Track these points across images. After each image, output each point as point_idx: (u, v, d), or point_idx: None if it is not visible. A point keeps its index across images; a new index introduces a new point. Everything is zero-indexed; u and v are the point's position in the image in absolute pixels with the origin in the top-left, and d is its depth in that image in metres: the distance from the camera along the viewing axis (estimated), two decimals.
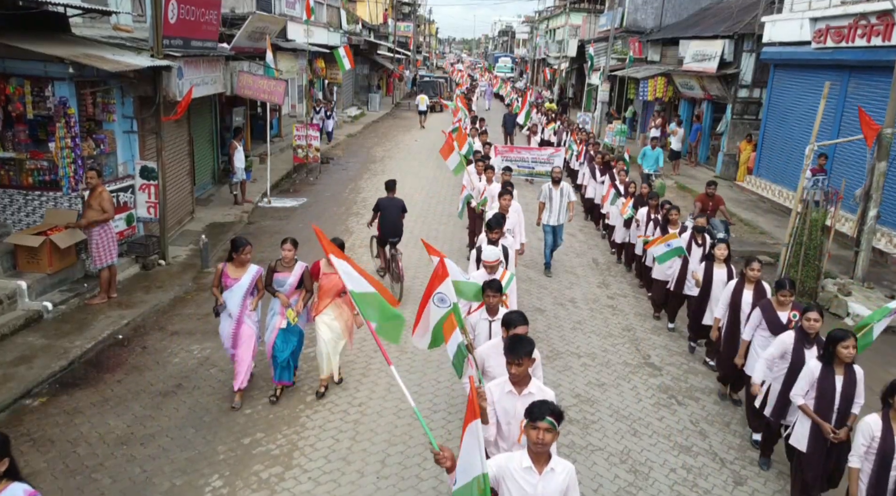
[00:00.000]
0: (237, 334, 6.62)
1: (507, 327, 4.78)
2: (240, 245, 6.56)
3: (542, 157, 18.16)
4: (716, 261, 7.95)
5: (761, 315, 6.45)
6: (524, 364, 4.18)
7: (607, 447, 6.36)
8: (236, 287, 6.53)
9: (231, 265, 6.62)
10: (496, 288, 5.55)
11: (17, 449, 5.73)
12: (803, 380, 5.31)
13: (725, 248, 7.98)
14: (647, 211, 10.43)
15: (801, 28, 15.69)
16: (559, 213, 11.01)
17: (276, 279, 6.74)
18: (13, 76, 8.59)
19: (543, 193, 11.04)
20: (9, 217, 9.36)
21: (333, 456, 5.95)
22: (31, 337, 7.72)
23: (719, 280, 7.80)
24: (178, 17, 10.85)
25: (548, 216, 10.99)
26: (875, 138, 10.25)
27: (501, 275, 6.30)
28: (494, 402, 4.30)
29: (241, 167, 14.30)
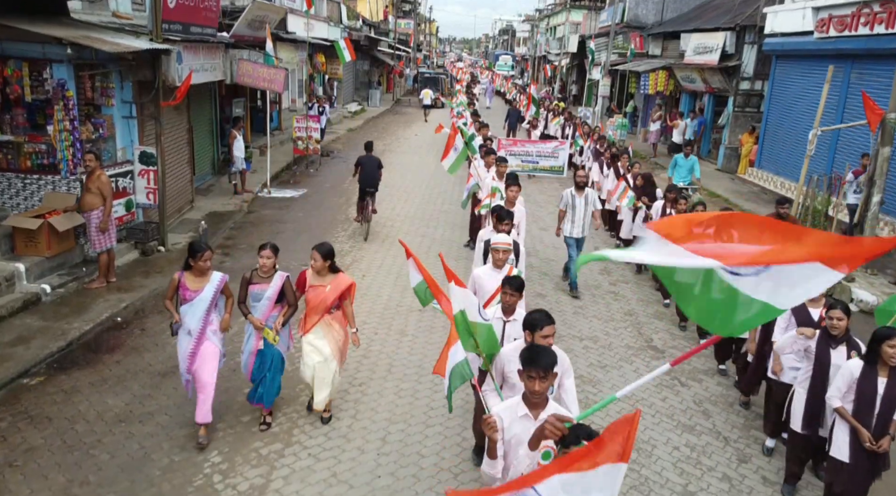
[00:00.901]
0: (196, 353, 5.58)
1: (531, 329, 4.18)
2: (197, 250, 5.54)
3: (546, 151, 17.32)
4: None
5: (791, 312, 5.79)
6: (549, 379, 3.45)
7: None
8: (197, 300, 5.53)
9: (189, 275, 5.58)
10: (516, 286, 5.01)
11: (14, 426, 5.72)
12: (841, 380, 4.84)
13: None
14: (662, 205, 9.82)
15: (803, 18, 15.64)
16: (583, 223, 9.60)
17: (253, 292, 5.73)
18: (11, 58, 8.55)
19: (564, 200, 9.60)
20: (7, 200, 9.30)
21: (334, 433, 5.89)
22: (29, 319, 7.66)
23: None
24: (178, 2, 10.79)
25: (570, 227, 9.58)
26: (879, 123, 10.19)
27: (508, 271, 5.84)
28: (504, 429, 3.50)
29: (240, 156, 14.24)
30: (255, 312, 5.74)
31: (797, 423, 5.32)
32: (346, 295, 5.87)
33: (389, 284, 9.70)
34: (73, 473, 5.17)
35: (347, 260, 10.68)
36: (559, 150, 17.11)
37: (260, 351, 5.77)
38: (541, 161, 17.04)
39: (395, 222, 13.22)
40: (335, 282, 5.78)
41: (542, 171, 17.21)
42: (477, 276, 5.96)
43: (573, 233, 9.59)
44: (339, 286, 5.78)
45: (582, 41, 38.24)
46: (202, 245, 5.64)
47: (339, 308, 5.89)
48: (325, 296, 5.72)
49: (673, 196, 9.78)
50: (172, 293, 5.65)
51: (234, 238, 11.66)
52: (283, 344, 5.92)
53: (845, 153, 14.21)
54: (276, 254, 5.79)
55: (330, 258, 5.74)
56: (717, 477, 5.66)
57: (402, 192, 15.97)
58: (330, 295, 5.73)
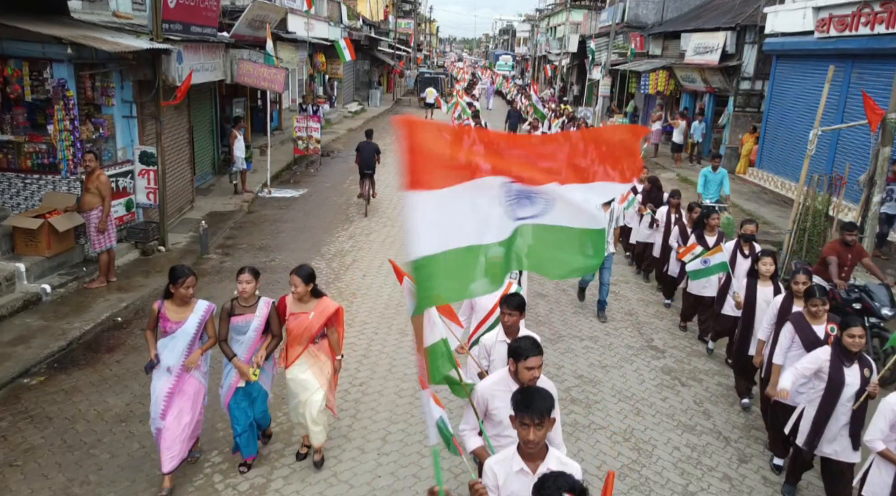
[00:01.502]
0: (175, 392, 4.92)
1: (515, 358, 3.76)
2: (179, 275, 4.87)
3: None
4: (760, 278, 6.65)
5: (793, 330, 5.46)
6: (546, 426, 3.08)
7: (610, 426, 6.30)
8: (180, 333, 4.91)
9: (170, 303, 4.97)
10: (514, 305, 4.52)
11: (14, 425, 5.72)
12: (883, 421, 4.37)
13: (772, 263, 6.66)
14: (667, 211, 9.43)
15: (803, 18, 15.63)
16: (606, 237, 9.20)
17: (235, 325, 5.05)
18: (11, 58, 8.56)
19: None
20: (7, 200, 9.30)
21: (334, 433, 5.88)
22: (30, 318, 7.66)
23: (764, 301, 6.48)
24: (178, 2, 10.79)
25: None
26: (879, 123, 10.17)
27: (507, 288, 5.17)
28: (499, 487, 3.17)
29: (241, 156, 14.24)
30: (239, 347, 5.06)
31: (801, 439, 5.11)
32: (333, 321, 5.20)
33: (390, 284, 9.69)
34: (73, 473, 5.17)
35: (348, 259, 10.68)
36: None
37: (240, 389, 5.11)
38: None
39: (395, 222, 13.22)
40: (319, 308, 5.11)
41: None
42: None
43: None
44: (325, 312, 5.12)
45: (582, 41, 38.26)
46: (184, 270, 4.95)
47: (324, 336, 5.23)
48: (308, 324, 5.07)
49: (677, 202, 9.45)
50: (154, 324, 5.01)
51: (235, 238, 11.66)
52: (266, 379, 5.31)
53: (846, 153, 14.19)
54: (257, 279, 5.12)
55: (312, 281, 5.12)
56: (718, 477, 5.66)
57: (402, 193, 15.92)
58: (314, 322, 5.09)
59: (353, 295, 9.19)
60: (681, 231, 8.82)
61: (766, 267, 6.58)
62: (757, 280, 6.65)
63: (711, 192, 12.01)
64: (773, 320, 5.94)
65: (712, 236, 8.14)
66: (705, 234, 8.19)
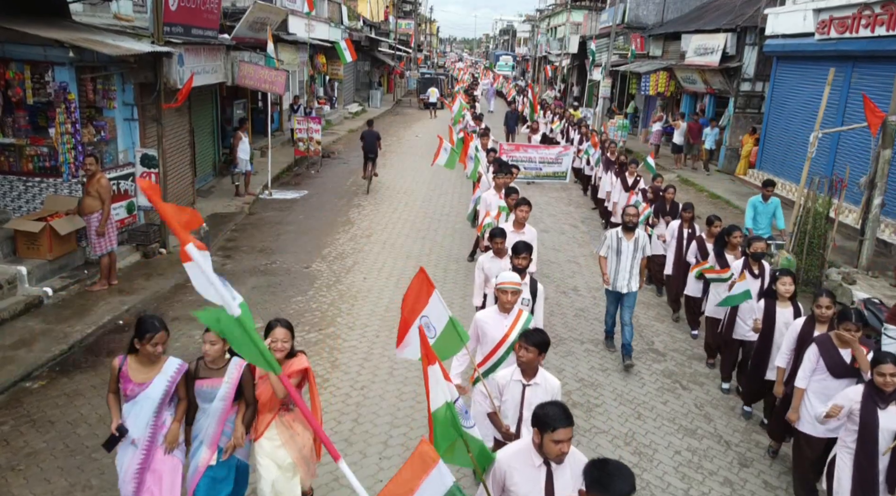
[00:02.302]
0: (145, 469, 4.12)
1: (540, 428, 3.28)
2: (148, 329, 4.03)
3: (549, 157, 16.26)
4: (779, 298, 6.18)
5: (818, 353, 5.07)
6: None
7: (611, 430, 6.31)
8: (141, 397, 4.09)
9: (134, 360, 4.14)
10: (533, 342, 4.07)
11: (16, 429, 5.73)
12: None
13: (791, 283, 6.15)
14: (679, 225, 8.76)
15: (804, 20, 15.64)
16: (629, 273, 7.44)
17: (200, 390, 4.21)
18: (13, 61, 8.56)
19: (608, 243, 7.56)
20: (9, 203, 9.32)
21: (336, 437, 5.89)
22: (31, 322, 7.67)
23: (783, 323, 6.06)
24: (179, 4, 10.81)
25: (612, 277, 7.56)
26: (880, 126, 10.18)
27: (517, 317, 4.88)
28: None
29: (245, 158, 14.25)
30: (206, 419, 4.20)
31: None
32: (303, 382, 4.38)
33: (391, 286, 9.70)
34: (75, 477, 5.19)
35: (349, 262, 10.69)
36: (563, 156, 16.24)
37: (211, 468, 4.20)
38: (544, 167, 16.04)
39: (395, 224, 13.23)
40: (287, 368, 4.24)
41: (544, 178, 16.23)
42: (480, 322, 4.99)
43: (616, 285, 7.52)
44: (292, 372, 4.27)
45: (583, 42, 38.27)
46: (154, 323, 4.06)
47: (294, 405, 4.36)
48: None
49: (690, 215, 8.71)
50: (114, 385, 4.18)
51: (236, 240, 11.67)
52: (242, 452, 4.38)
53: (846, 155, 14.20)
54: (226, 343, 4.13)
55: (292, 336, 4.34)
56: (719, 481, 5.67)
57: (403, 195, 15.99)
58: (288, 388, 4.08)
59: (354, 297, 9.20)
60: (699, 247, 8.15)
61: (786, 287, 6.10)
62: (775, 301, 6.18)
63: (763, 227, 9.97)
64: (793, 346, 5.54)
65: (733, 255, 7.46)
66: (726, 252, 7.54)
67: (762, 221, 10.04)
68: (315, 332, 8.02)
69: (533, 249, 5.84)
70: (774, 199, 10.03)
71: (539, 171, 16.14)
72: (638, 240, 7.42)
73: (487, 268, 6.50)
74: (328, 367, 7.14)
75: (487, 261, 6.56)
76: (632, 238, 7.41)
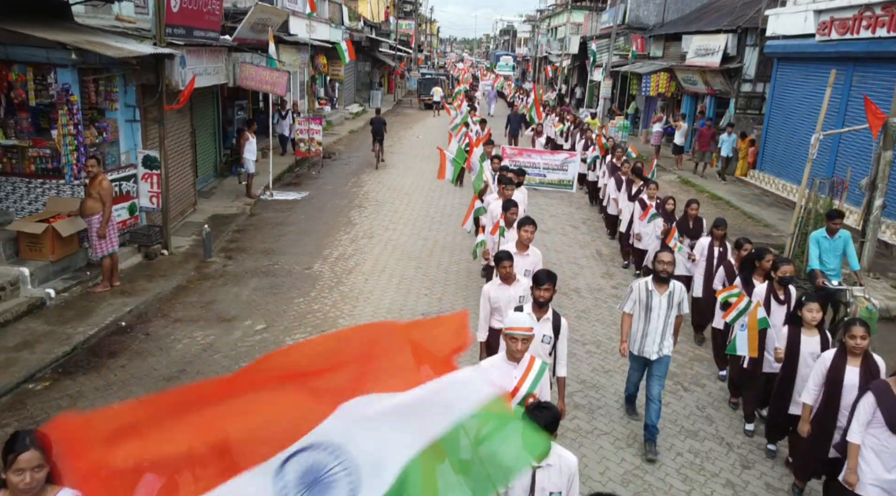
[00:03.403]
0: None
1: None
2: (17, 448, 2.79)
3: (554, 162, 15.79)
4: (804, 326, 5.60)
5: (875, 403, 4.41)
6: None
7: (613, 431, 6.32)
8: None
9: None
10: (547, 421, 3.32)
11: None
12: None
13: (819, 310, 5.56)
14: (709, 243, 7.98)
15: (805, 20, 15.66)
16: (661, 335, 5.93)
17: None
18: (16, 62, 8.56)
19: (634, 296, 5.99)
20: (11, 205, 9.33)
21: None
22: (34, 323, 7.69)
23: (809, 353, 5.51)
24: (181, 6, 10.84)
25: (639, 339, 6.01)
26: (881, 128, 10.20)
27: (529, 365, 4.18)
28: None
29: (251, 159, 14.27)
30: None
31: None
32: None
33: (392, 288, 9.72)
34: None
35: (350, 263, 10.71)
36: (569, 163, 15.61)
37: None
38: (548, 174, 15.47)
39: (397, 225, 13.25)
40: None
41: (548, 185, 15.59)
42: (483, 370, 4.21)
43: (644, 349, 6.00)
44: None
45: (583, 42, 38.29)
46: (24, 441, 2.80)
47: None
48: None
49: (722, 232, 7.86)
50: None
51: (238, 241, 11.69)
52: None
53: (847, 156, 14.22)
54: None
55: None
56: (721, 483, 5.68)
57: (404, 195, 15.99)
58: None
59: (356, 299, 9.21)
60: (727, 272, 7.37)
61: (812, 314, 5.51)
62: (800, 328, 5.60)
63: (832, 265, 8.16)
64: (821, 381, 5.03)
65: (761, 279, 6.65)
66: (754, 278, 6.76)
67: (830, 261, 8.15)
68: (317, 334, 8.03)
69: (556, 279, 5.13)
70: (843, 232, 8.13)
71: (543, 177, 15.68)
72: (673, 294, 5.91)
73: (494, 297, 5.75)
74: None
75: (494, 290, 5.77)
76: (665, 291, 5.87)
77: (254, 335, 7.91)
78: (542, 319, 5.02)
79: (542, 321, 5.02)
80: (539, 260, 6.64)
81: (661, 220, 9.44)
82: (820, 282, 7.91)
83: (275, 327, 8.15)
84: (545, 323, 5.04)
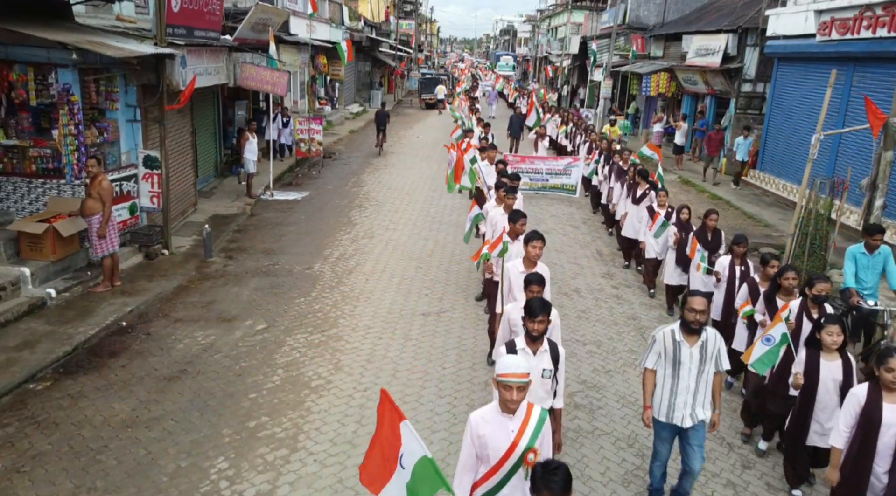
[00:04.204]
0: None
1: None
2: None
3: (557, 168, 15.62)
4: (824, 349, 5.11)
5: None
6: None
7: (614, 431, 6.32)
8: None
9: None
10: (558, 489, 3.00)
11: (21, 431, 5.75)
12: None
13: (840, 333, 5.05)
14: (729, 262, 7.40)
15: (805, 21, 15.66)
16: (693, 396, 4.91)
17: None
18: (16, 63, 8.58)
19: (658, 347, 4.99)
20: (12, 205, 9.33)
21: (339, 439, 5.91)
22: (35, 323, 7.69)
23: (831, 379, 5.09)
24: (182, 6, 10.83)
25: (667, 401, 4.96)
26: (881, 128, 10.19)
27: (527, 414, 3.59)
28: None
29: (252, 159, 14.27)
30: None
31: None
32: None
33: (393, 288, 9.72)
34: (80, 479, 5.20)
35: (351, 263, 10.71)
36: (572, 168, 15.52)
37: None
38: (551, 179, 15.45)
39: (397, 225, 13.25)
40: None
41: (551, 190, 15.56)
42: (475, 425, 3.60)
43: (673, 414, 4.94)
44: None
45: (583, 42, 38.27)
46: None
47: None
48: None
49: (743, 249, 7.28)
50: None
51: (238, 241, 11.69)
52: None
53: (847, 157, 14.22)
54: None
55: None
56: (722, 483, 5.68)
57: (404, 195, 15.99)
58: None
59: (357, 299, 9.21)
60: (751, 292, 6.75)
61: (833, 337, 5.02)
62: (819, 351, 5.13)
63: (869, 284, 7.52)
64: (854, 421, 4.47)
65: (786, 300, 6.19)
66: (778, 297, 6.30)
67: (868, 278, 7.50)
68: (318, 334, 8.03)
69: (551, 309, 4.54)
70: (884, 248, 7.47)
71: (546, 182, 15.59)
72: (706, 345, 4.84)
73: (514, 319, 5.16)
74: (331, 369, 7.16)
75: (516, 313, 5.11)
76: (696, 342, 4.83)
77: (254, 335, 7.92)
78: (538, 352, 4.50)
79: (540, 354, 4.51)
80: (547, 276, 6.00)
81: (673, 228, 8.99)
82: (854, 301, 7.34)
83: (275, 327, 8.16)
84: (543, 355, 4.53)
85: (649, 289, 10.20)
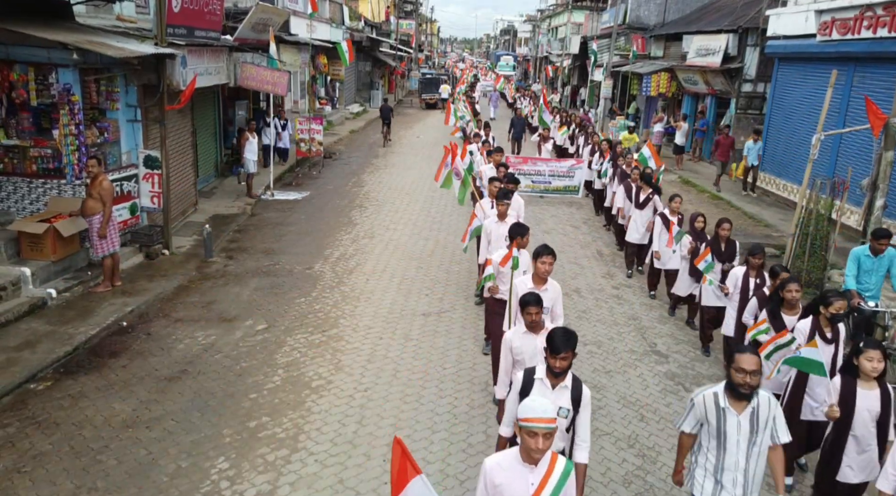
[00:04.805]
0: None
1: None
2: None
3: (560, 170, 15.53)
4: (862, 376, 4.57)
5: None
6: None
7: (614, 432, 6.32)
8: None
9: None
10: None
11: (21, 431, 5.75)
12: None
13: (882, 358, 4.51)
14: (744, 273, 7.05)
15: (805, 21, 15.64)
16: (743, 474, 3.98)
17: None
18: (17, 63, 8.58)
19: (698, 413, 4.09)
20: (12, 205, 9.33)
21: (340, 439, 5.91)
22: (36, 323, 7.69)
23: (867, 409, 4.56)
24: (182, 6, 10.84)
25: (713, 477, 4.06)
26: (882, 128, 10.19)
27: (550, 465, 3.21)
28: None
29: (252, 158, 14.26)
30: None
31: None
32: None
33: (393, 288, 9.72)
34: (81, 479, 5.20)
35: (351, 263, 10.71)
36: (575, 169, 15.42)
37: None
38: (553, 181, 15.35)
39: (397, 225, 13.24)
40: None
41: (554, 192, 15.49)
42: (491, 474, 3.29)
43: (720, 494, 4.04)
44: None
45: (584, 42, 38.27)
46: None
47: None
48: None
49: (760, 261, 6.94)
50: None
51: (239, 241, 11.69)
52: None
53: (848, 157, 14.21)
54: None
55: None
56: None
57: (404, 195, 15.99)
58: None
59: (357, 299, 9.22)
60: (760, 304, 6.53)
61: (873, 364, 4.48)
62: (856, 379, 4.59)
63: (872, 288, 7.45)
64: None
65: (792, 315, 5.89)
66: (783, 312, 5.97)
67: (870, 281, 7.41)
68: (318, 334, 8.04)
69: (577, 342, 4.08)
70: (890, 250, 7.31)
71: (548, 184, 15.48)
72: (757, 413, 3.94)
73: (517, 347, 4.88)
74: (332, 369, 7.16)
75: (518, 339, 4.89)
76: (745, 409, 3.93)
77: (255, 335, 7.92)
78: (558, 387, 4.03)
79: (559, 389, 4.03)
80: (559, 296, 5.73)
81: (688, 237, 8.64)
82: (856, 302, 7.28)
83: (276, 327, 8.16)
84: (562, 392, 4.03)
85: (650, 290, 10.19)
